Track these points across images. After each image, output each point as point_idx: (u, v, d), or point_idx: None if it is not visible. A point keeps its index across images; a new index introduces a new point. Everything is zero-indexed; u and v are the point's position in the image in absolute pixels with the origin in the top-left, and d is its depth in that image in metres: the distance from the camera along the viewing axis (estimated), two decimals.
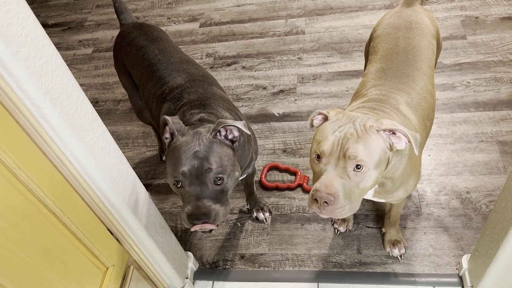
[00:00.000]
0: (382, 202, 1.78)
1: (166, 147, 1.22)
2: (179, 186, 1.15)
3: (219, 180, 1.14)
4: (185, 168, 1.12)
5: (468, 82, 2.20)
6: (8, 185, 0.83)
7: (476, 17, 2.55)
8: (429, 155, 1.92)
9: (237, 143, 1.22)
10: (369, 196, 1.27)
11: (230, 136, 1.20)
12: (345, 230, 1.72)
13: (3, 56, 0.75)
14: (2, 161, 0.82)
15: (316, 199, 0.99)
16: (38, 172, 0.90)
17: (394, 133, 1.02)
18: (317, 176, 1.03)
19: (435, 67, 1.57)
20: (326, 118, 1.09)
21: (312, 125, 1.12)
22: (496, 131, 1.96)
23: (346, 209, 1.00)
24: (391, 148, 1.03)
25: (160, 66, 1.55)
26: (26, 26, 0.79)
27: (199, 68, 1.59)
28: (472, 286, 1.45)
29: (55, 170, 0.96)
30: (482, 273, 1.34)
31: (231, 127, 1.18)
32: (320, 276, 1.62)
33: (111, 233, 1.20)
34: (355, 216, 1.77)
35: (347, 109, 1.26)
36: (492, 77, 2.20)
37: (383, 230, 1.68)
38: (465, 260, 1.51)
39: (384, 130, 1.01)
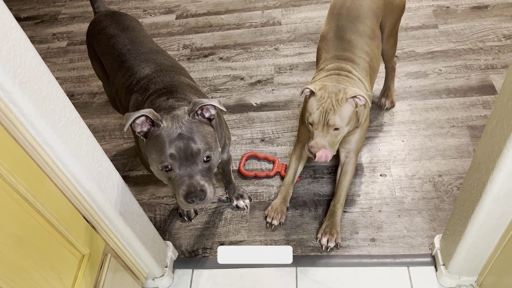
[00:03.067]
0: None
1: (143, 139, 1.22)
2: (167, 170, 1.17)
3: (207, 158, 1.18)
4: (173, 151, 1.14)
5: (440, 70, 2.26)
6: None
7: (447, 7, 2.61)
8: (402, 141, 1.97)
9: (214, 120, 1.26)
10: None
11: (207, 115, 1.23)
12: (278, 223, 1.74)
13: None
14: None
15: (311, 152, 1.52)
16: (8, 158, 0.89)
17: (355, 96, 1.48)
18: (311, 135, 1.54)
19: (396, 28, 1.86)
20: (312, 92, 1.52)
21: (302, 93, 1.55)
22: (466, 116, 2.02)
23: (330, 153, 1.52)
24: (356, 106, 1.50)
25: (129, 56, 1.54)
26: None
27: (169, 59, 1.59)
28: (444, 264, 1.50)
29: (27, 156, 0.95)
30: (453, 251, 1.38)
31: (208, 106, 1.20)
32: (298, 261, 1.65)
33: (87, 221, 1.19)
34: (322, 202, 1.81)
35: (316, 80, 1.65)
36: (463, 64, 2.26)
37: (324, 219, 1.70)
38: (437, 240, 1.55)
39: (350, 97, 1.48)
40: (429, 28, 2.50)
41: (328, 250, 1.64)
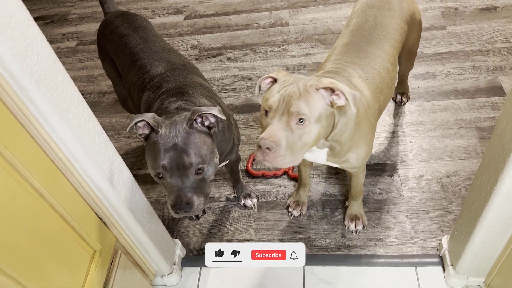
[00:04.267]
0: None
1: (143, 141, 1.23)
2: (160, 177, 1.19)
3: (199, 170, 1.18)
4: (165, 162, 1.15)
5: (448, 71, 2.25)
6: None
7: (456, 8, 2.61)
8: (410, 142, 1.97)
9: (215, 128, 1.23)
10: (323, 160, 1.35)
11: (206, 123, 1.21)
12: (299, 214, 1.78)
13: None
14: None
15: (260, 146, 1.06)
16: (24, 153, 0.90)
17: (334, 91, 1.09)
18: (264, 129, 1.11)
19: (417, 47, 1.76)
20: (274, 81, 1.17)
21: (259, 90, 1.19)
22: (474, 118, 2.01)
23: (287, 159, 1.07)
24: (331, 104, 1.11)
25: (142, 55, 1.56)
26: (10, 6, 0.79)
27: (181, 57, 1.61)
28: (451, 265, 1.50)
29: (42, 152, 0.97)
30: (461, 252, 1.38)
31: (207, 114, 1.18)
32: (305, 259, 1.65)
33: (99, 217, 1.21)
34: (329, 202, 1.81)
35: None
36: (471, 66, 2.26)
37: (347, 203, 1.75)
38: (445, 240, 1.55)
39: (324, 88, 1.10)
40: (438, 29, 2.49)
41: (357, 233, 1.69)
